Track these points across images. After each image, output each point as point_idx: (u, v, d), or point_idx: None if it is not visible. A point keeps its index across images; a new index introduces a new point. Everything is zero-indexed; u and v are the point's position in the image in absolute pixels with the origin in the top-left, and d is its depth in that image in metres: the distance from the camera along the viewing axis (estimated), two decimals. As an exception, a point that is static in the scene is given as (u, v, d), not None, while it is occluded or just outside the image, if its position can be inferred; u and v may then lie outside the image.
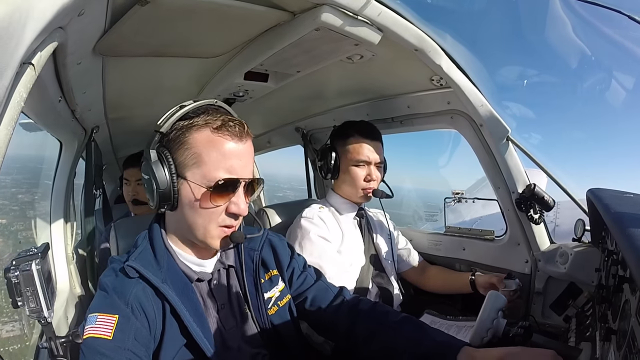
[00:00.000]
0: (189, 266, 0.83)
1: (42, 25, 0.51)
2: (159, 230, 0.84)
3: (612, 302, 0.80)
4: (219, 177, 0.75)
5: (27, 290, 0.79)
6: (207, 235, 0.79)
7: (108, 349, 0.68)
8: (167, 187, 0.76)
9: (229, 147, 0.76)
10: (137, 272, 0.76)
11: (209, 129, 0.76)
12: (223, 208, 0.78)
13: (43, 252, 0.84)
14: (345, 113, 1.72)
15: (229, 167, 0.76)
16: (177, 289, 0.78)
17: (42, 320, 0.81)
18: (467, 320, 1.24)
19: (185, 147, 0.76)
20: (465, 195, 3.55)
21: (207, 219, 0.78)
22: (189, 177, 0.76)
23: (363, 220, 1.50)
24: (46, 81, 0.84)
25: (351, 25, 0.93)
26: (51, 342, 0.85)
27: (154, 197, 0.77)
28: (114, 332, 0.69)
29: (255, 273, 0.90)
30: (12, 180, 6.23)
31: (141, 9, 0.78)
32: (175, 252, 0.83)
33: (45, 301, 0.80)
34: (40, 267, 0.80)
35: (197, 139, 0.76)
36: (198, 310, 0.80)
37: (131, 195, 1.85)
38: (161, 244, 0.82)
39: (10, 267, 0.80)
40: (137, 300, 0.74)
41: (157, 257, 0.80)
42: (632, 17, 0.79)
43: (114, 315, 0.71)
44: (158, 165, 0.76)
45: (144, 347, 0.72)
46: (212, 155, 0.75)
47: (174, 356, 0.75)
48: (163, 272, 0.79)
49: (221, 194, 0.77)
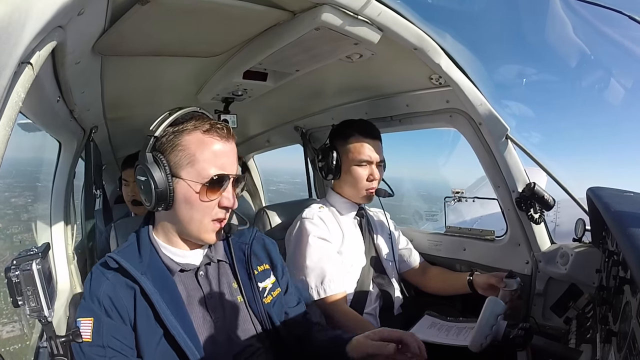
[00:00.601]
0: (172, 258, 0.88)
1: (42, 24, 0.51)
2: (147, 228, 0.91)
3: (612, 303, 0.80)
4: (212, 174, 0.83)
5: (27, 289, 0.80)
6: (202, 229, 0.86)
7: (89, 350, 0.77)
8: (164, 186, 0.82)
9: (218, 147, 0.85)
10: (116, 262, 0.82)
11: (199, 131, 0.84)
12: (216, 202, 0.85)
13: (44, 251, 0.84)
14: (344, 112, 1.72)
15: (220, 164, 0.84)
16: (155, 281, 0.83)
17: (43, 320, 0.82)
18: (468, 322, 1.24)
19: (179, 149, 0.83)
20: (465, 195, 3.54)
21: (202, 212, 0.85)
22: (183, 175, 0.83)
23: (363, 220, 1.49)
24: (44, 81, 0.83)
25: (351, 24, 0.93)
26: (51, 341, 0.85)
27: (151, 197, 0.82)
28: (92, 334, 0.77)
29: (247, 264, 0.96)
30: (4, 184, 6.25)
31: (141, 8, 0.78)
32: (160, 246, 0.89)
33: (46, 300, 0.81)
34: (41, 266, 0.81)
35: (190, 141, 0.83)
36: (176, 302, 0.84)
37: (131, 196, 1.85)
38: (147, 240, 0.88)
39: (11, 267, 0.80)
40: (106, 297, 0.80)
41: (141, 251, 0.87)
42: (632, 17, 0.78)
43: (90, 319, 0.79)
44: (154, 166, 0.82)
45: (122, 340, 0.78)
46: (204, 154, 0.83)
47: (156, 347, 0.80)
48: (144, 264, 0.84)
49: (214, 189, 0.84)
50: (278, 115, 1.99)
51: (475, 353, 0.99)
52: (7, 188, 5.98)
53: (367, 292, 1.37)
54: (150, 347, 0.80)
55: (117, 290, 0.81)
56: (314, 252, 1.29)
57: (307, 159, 2.11)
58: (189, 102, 1.47)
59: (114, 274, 0.83)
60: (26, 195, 4.66)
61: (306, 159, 2.11)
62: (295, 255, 1.32)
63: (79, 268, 1.47)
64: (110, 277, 0.83)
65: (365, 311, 1.35)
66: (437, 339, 1.17)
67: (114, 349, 0.77)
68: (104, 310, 0.79)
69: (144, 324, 0.81)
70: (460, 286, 1.42)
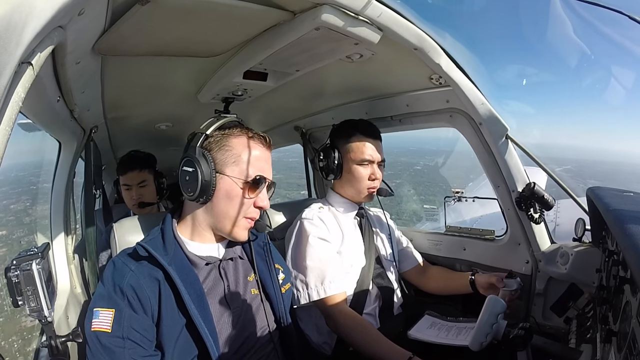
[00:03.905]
0: (196, 253, 0.94)
1: (42, 24, 0.51)
2: (171, 222, 0.97)
3: (612, 303, 0.80)
4: (254, 174, 0.93)
5: (27, 289, 0.80)
6: (236, 225, 0.94)
7: (108, 341, 0.78)
8: (209, 179, 0.90)
9: (260, 152, 0.97)
10: (146, 251, 0.87)
11: (246, 136, 0.96)
12: (252, 202, 0.94)
13: (43, 251, 0.84)
14: (345, 112, 1.72)
15: (260, 168, 0.95)
16: (180, 273, 0.87)
17: (43, 320, 0.82)
18: (468, 322, 1.24)
19: (226, 149, 0.94)
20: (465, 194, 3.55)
21: (239, 209, 0.93)
22: (228, 172, 0.92)
23: (363, 220, 1.49)
24: (44, 81, 0.83)
25: (351, 25, 0.93)
26: (51, 341, 0.86)
27: (196, 188, 0.89)
28: (112, 325, 0.79)
29: (267, 257, 1.05)
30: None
31: (141, 8, 0.77)
32: (183, 242, 0.95)
33: (46, 300, 0.81)
34: (41, 266, 0.81)
35: (237, 143, 0.95)
36: (199, 294, 0.89)
37: (136, 199, 1.81)
38: (171, 234, 0.94)
39: (11, 267, 0.80)
40: (130, 288, 0.83)
41: (166, 244, 0.92)
42: (632, 17, 0.78)
43: (111, 310, 0.81)
44: (203, 160, 0.91)
45: (141, 332, 0.81)
46: (249, 156, 0.93)
47: (178, 336, 0.84)
48: (169, 257, 0.89)
49: (253, 188, 0.94)
50: (278, 115, 1.99)
51: (475, 353, 0.99)
52: (5, 196, 6.03)
53: (367, 292, 1.36)
54: (173, 336, 0.84)
55: (141, 281, 0.84)
56: (314, 252, 1.29)
57: (307, 159, 2.11)
58: (189, 102, 1.47)
59: (138, 264, 0.87)
60: (24, 200, 4.69)
61: (306, 159, 2.11)
62: (295, 256, 1.32)
63: (79, 268, 1.47)
64: (134, 268, 0.86)
65: (365, 311, 1.35)
66: (437, 339, 1.17)
67: (133, 341, 0.80)
68: (127, 302, 0.82)
69: (168, 313, 0.84)
70: (461, 286, 1.42)
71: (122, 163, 1.85)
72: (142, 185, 1.83)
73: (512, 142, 1.32)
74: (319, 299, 1.25)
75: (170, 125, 1.82)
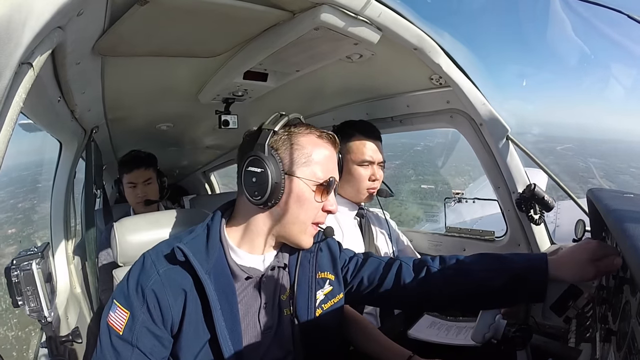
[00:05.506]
0: (239, 264, 0.84)
1: (41, 25, 0.51)
2: (219, 221, 0.85)
3: (612, 303, 0.80)
4: (327, 176, 0.84)
5: (27, 289, 0.80)
6: (303, 230, 0.84)
7: (117, 341, 0.74)
8: (279, 181, 0.79)
9: (330, 152, 0.87)
10: (184, 256, 0.77)
11: (314, 135, 0.85)
12: (321, 205, 0.85)
13: (43, 251, 0.84)
14: (345, 112, 1.72)
15: (331, 169, 0.86)
16: (217, 284, 0.79)
17: (42, 320, 0.82)
18: (468, 321, 1.24)
19: (295, 148, 0.82)
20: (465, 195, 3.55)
21: (309, 214, 0.83)
22: (298, 173, 0.81)
23: (363, 220, 1.49)
24: (45, 81, 0.84)
25: (351, 25, 0.93)
26: (51, 341, 0.86)
27: (265, 190, 0.79)
28: (124, 328, 0.74)
29: (310, 267, 0.91)
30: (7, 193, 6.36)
31: (140, 8, 0.78)
32: (229, 247, 0.84)
33: (46, 300, 0.81)
34: (41, 266, 0.81)
35: (307, 142, 0.83)
36: (232, 310, 0.80)
37: (141, 197, 1.83)
38: (217, 236, 0.83)
39: (11, 267, 0.80)
40: (151, 292, 0.75)
41: (209, 247, 0.81)
42: (632, 17, 0.78)
43: (127, 311, 0.75)
44: (272, 160, 0.80)
45: (153, 344, 0.75)
46: (319, 157, 0.83)
47: (198, 352, 0.77)
48: (210, 263, 0.79)
49: (325, 191, 0.84)
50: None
51: (475, 352, 0.99)
52: (11, 195, 6.08)
53: (367, 292, 1.36)
54: (192, 352, 0.76)
55: (166, 288, 0.76)
56: None
57: None
58: (190, 102, 1.47)
59: (167, 269, 0.78)
60: (31, 198, 4.73)
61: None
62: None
63: (79, 268, 1.48)
64: (162, 272, 0.77)
65: (365, 311, 1.34)
66: (436, 339, 1.17)
67: (142, 351, 0.74)
68: (145, 308, 0.75)
69: (192, 327, 0.77)
70: None
71: (127, 161, 1.87)
72: (147, 183, 1.84)
73: (513, 143, 1.32)
74: None
75: (171, 125, 1.82)
